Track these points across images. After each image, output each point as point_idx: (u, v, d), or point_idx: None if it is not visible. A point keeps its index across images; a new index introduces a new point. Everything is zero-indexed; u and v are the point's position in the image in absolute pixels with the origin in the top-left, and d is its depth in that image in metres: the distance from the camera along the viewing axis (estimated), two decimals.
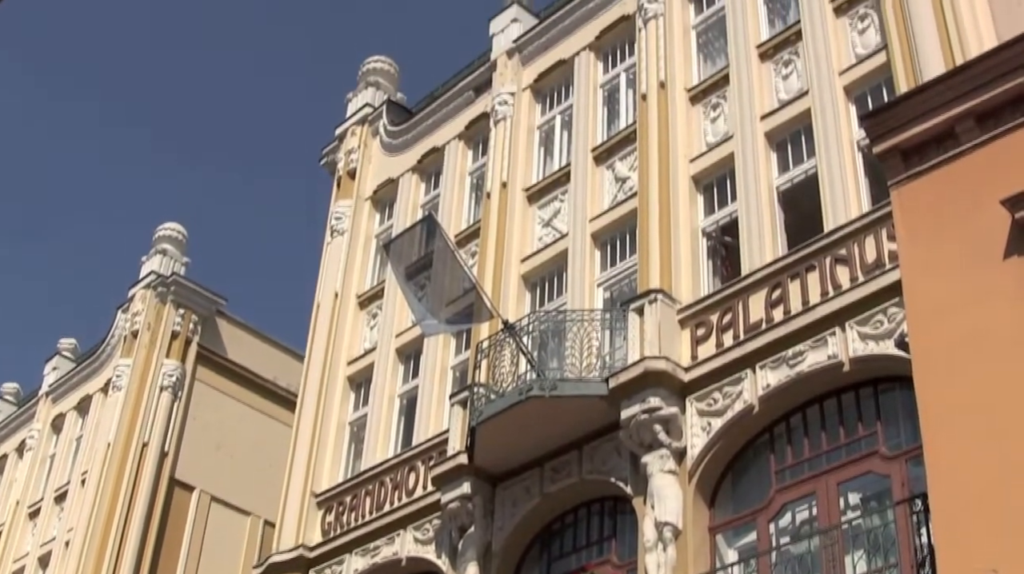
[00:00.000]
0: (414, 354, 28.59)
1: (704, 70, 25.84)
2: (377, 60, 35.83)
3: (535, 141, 29.02)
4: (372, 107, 34.35)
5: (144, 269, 40.01)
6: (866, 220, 19.94)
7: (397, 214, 31.57)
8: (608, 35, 28.48)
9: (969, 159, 16.22)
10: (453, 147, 31.17)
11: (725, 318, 21.33)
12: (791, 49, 23.85)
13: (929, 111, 16.67)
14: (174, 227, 41.15)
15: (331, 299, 31.28)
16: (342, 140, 34.53)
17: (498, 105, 29.72)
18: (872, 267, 19.43)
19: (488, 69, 30.95)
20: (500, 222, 27.63)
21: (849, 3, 23.27)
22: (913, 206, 16.55)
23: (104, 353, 40.39)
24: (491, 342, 23.90)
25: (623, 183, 25.72)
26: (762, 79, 23.97)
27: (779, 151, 23.13)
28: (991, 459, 14.11)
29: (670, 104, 25.13)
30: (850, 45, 22.85)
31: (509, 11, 31.51)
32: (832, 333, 19.44)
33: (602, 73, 28.45)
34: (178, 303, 38.73)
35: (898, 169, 16.83)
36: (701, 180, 24.11)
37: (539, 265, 26.54)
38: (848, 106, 22.16)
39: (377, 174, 33.11)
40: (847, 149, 21.47)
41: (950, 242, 15.84)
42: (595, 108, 27.77)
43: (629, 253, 24.72)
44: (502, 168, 28.47)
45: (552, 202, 27.23)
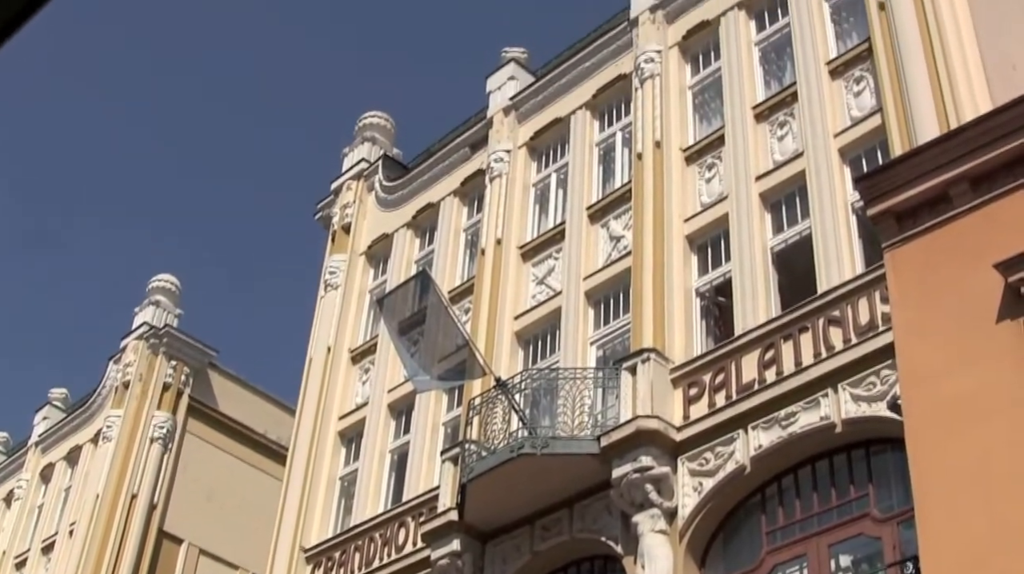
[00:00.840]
0: (406, 410, 28.54)
1: (700, 130, 25.94)
2: (374, 115, 35.95)
3: (530, 198, 29.08)
4: (368, 162, 34.44)
5: (137, 320, 39.99)
6: (860, 282, 19.96)
7: (391, 269, 31.59)
8: (604, 94, 28.60)
9: (963, 222, 16.28)
10: (448, 203, 31.23)
11: (718, 378, 21.31)
12: (786, 110, 23.95)
13: (923, 174, 16.74)
14: (168, 279, 41.16)
15: (324, 353, 31.24)
16: (337, 195, 34.59)
17: (494, 162, 29.80)
18: (865, 329, 19.43)
19: (484, 126, 31.05)
20: (494, 279, 27.65)
21: (845, 65, 23.39)
22: (907, 269, 16.59)
23: (95, 404, 40.30)
24: (483, 399, 23.85)
25: (617, 242, 25.76)
26: (757, 140, 24.06)
27: (773, 212, 23.18)
28: (983, 523, 14.07)
29: (665, 164, 25.21)
30: (845, 107, 22.94)
31: (506, 69, 31.65)
32: (825, 394, 19.42)
33: (598, 132, 28.55)
34: (170, 355, 38.70)
35: (892, 232, 16.88)
36: (695, 240, 24.15)
37: (532, 322, 26.54)
38: (843, 168, 22.22)
39: (372, 229, 33.16)
40: (841, 211, 21.51)
41: (943, 305, 15.86)
42: (590, 166, 27.85)
43: (622, 312, 24.73)
44: (497, 225, 28.52)
45: (546, 260, 27.26)
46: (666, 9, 27.77)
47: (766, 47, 25.76)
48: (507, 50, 32.22)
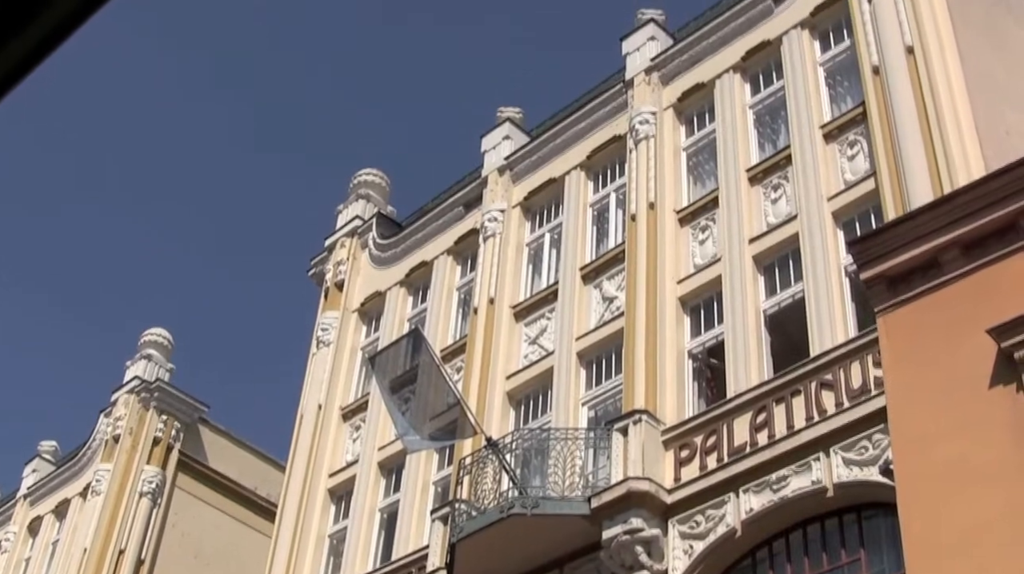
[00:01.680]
0: (396, 468, 28.43)
1: (694, 192, 26.01)
2: (368, 173, 36.01)
3: (524, 258, 29.11)
4: (362, 220, 34.47)
5: (128, 373, 39.89)
6: (852, 346, 19.95)
7: (384, 327, 31.55)
8: (599, 155, 28.69)
9: (955, 288, 16.29)
10: (442, 262, 31.24)
11: (709, 440, 21.25)
12: (780, 173, 24.02)
13: (916, 239, 16.76)
14: (160, 333, 41.09)
15: (315, 410, 31.16)
16: (331, 251, 34.61)
17: (488, 221, 29.84)
18: (858, 393, 19.39)
19: (479, 185, 31.12)
20: (486, 338, 27.63)
21: (839, 129, 23.49)
22: (899, 333, 16.58)
23: (85, 457, 40.14)
24: (474, 458, 23.78)
25: (610, 303, 25.76)
26: (751, 202, 24.12)
27: (767, 274, 23.21)
28: None
29: (659, 225, 25.26)
30: (839, 171, 23.02)
31: (501, 128, 31.76)
32: (816, 458, 19.36)
33: (592, 192, 28.62)
34: (161, 409, 38.59)
35: (885, 296, 16.89)
36: (688, 302, 24.16)
37: (524, 382, 26.49)
38: (836, 231, 22.27)
39: (365, 286, 33.15)
40: (834, 274, 21.54)
41: (936, 370, 15.85)
42: (584, 227, 27.90)
43: (614, 372, 24.69)
44: (490, 284, 28.52)
45: (539, 319, 27.25)
46: (661, 71, 27.91)
47: (760, 110, 25.87)
48: (502, 109, 32.34)
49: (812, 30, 25.60)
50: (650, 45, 28.75)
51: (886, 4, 23.54)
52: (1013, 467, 14.48)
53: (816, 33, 25.61)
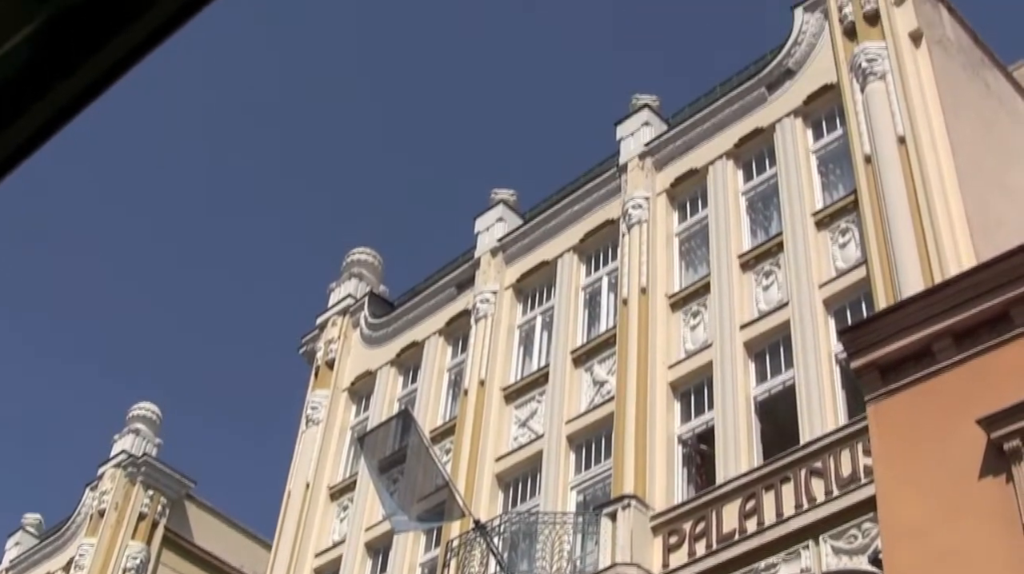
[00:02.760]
0: (383, 549, 28.27)
1: (686, 277, 26.08)
2: (361, 252, 36.06)
3: (515, 340, 29.12)
4: (354, 298, 34.50)
5: (116, 447, 39.68)
6: (842, 434, 19.93)
7: (374, 407, 31.49)
8: (592, 238, 28.78)
9: (946, 377, 16.28)
10: (433, 342, 31.24)
11: (698, 527, 21.17)
12: (772, 260, 24.11)
13: (907, 328, 16.77)
14: (149, 407, 40.92)
15: (302, 488, 31.03)
16: (322, 329, 34.60)
17: (480, 303, 29.87)
18: (847, 481, 19.35)
19: (471, 266, 31.18)
20: (476, 420, 27.58)
21: (831, 217, 23.60)
22: (889, 422, 16.55)
23: (69, 531, 39.83)
24: (461, 541, 23.66)
25: (601, 386, 25.75)
26: (743, 288, 24.19)
27: (757, 361, 23.22)
28: None
29: (651, 310, 25.30)
30: (831, 258, 23.10)
31: (495, 210, 31.87)
32: (805, 546, 19.29)
33: (584, 276, 28.68)
34: (148, 484, 38.35)
35: (875, 385, 16.87)
36: (679, 387, 24.15)
37: (513, 465, 26.41)
38: (827, 319, 22.32)
39: (356, 365, 33.11)
40: (825, 362, 21.56)
41: (926, 460, 15.81)
42: (576, 310, 27.94)
43: (604, 457, 24.63)
44: (481, 366, 28.51)
45: (529, 402, 27.22)
46: (655, 156, 28.07)
47: (753, 196, 26.01)
48: (496, 191, 32.48)
49: (805, 118, 25.79)
50: (644, 130, 28.93)
51: (878, 94, 23.74)
52: (1002, 559, 14.41)
53: (809, 121, 25.81)
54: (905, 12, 25.04)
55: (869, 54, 24.40)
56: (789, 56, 26.52)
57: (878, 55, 24.32)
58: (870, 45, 24.59)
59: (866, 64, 24.28)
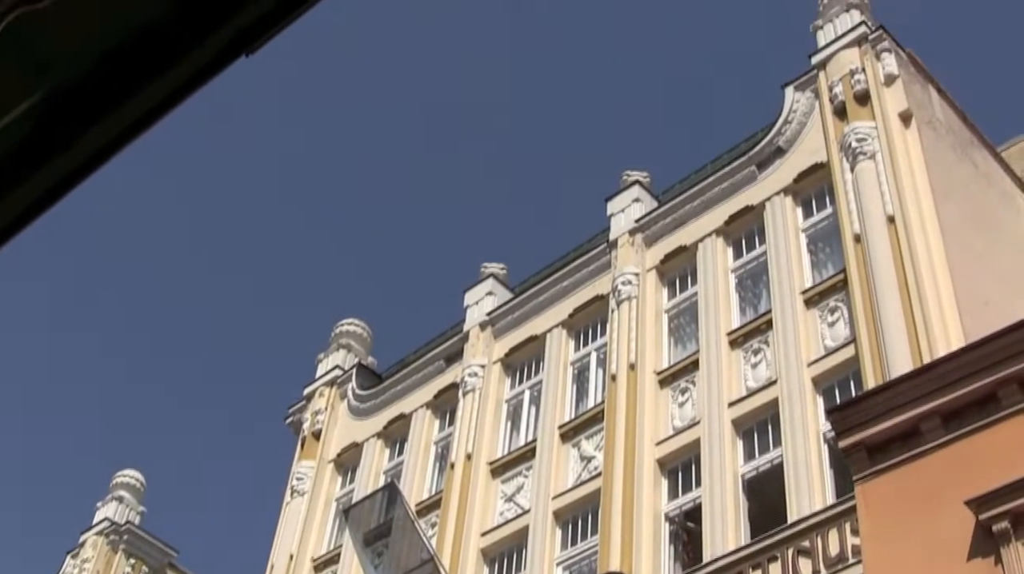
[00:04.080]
0: None
1: (674, 354, 26.08)
2: (350, 323, 36.02)
3: (503, 414, 29.06)
4: (342, 370, 34.42)
5: (98, 515, 39.42)
6: (830, 513, 19.86)
7: (359, 479, 31.34)
8: (581, 314, 28.79)
9: (934, 458, 16.26)
10: (420, 415, 31.15)
11: None
12: (761, 338, 24.12)
13: (895, 408, 16.76)
14: (132, 474, 40.67)
15: (286, 560, 30.81)
16: (310, 400, 34.50)
17: (468, 376, 29.83)
18: (835, 561, 19.27)
19: (460, 339, 31.16)
20: (462, 494, 27.46)
21: (820, 295, 23.65)
22: (877, 502, 16.51)
23: None
24: None
25: (588, 462, 25.68)
26: (731, 366, 24.18)
27: (745, 438, 23.18)
28: None
29: (639, 386, 25.28)
30: (819, 337, 23.13)
31: (484, 284, 31.90)
32: None
33: (573, 351, 28.67)
34: (129, 553, 38.08)
35: (863, 464, 16.84)
36: (666, 464, 24.09)
37: (499, 540, 26.28)
38: (816, 397, 22.31)
39: (342, 437, 32.99)
40: (813, 440, 21.53)
41: (913, 541, 15.76)
42: (564, 385, 27.90)
43: (590, 533, 24.52)
44: (468, 440, 28.43)
45: (516, 477, 27.12)
46: (645, 233, 28.15)
47: (742, 274, 26.06)
48: (486, 265, 32.52)
49: (795, 197, 25.90)
50: (635, 206, 29.03)
51: (868, 174, 23.86)
52: None
53: (799, 200, 25.91)
54: (895, 93, 25.21)
55: (859, 134, 24.54)
56: (780, 135, 26.67)
57: (868, 135, 24.47)
58: (860, 125, 24.75)
59: (856, 144, 24.42)
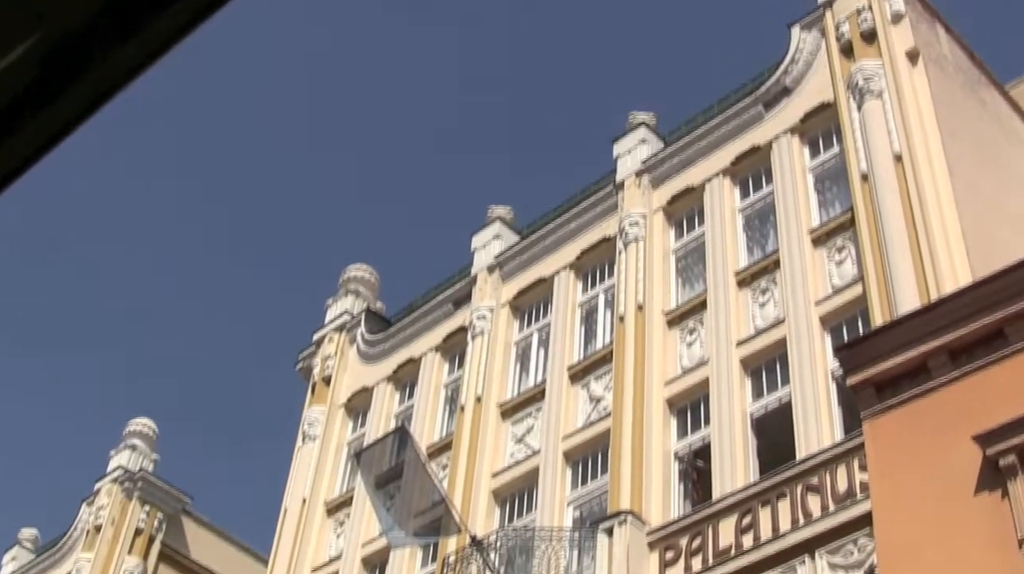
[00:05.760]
0: (380, 564, 28.26)
1: (682, 294, 26.12)
2: (358, 268, 36.06)
3: (512, 357, 29.14)
4: (351, 315, 34.49)
5: (112, 463, 39.64)
6: (838, 450, 19.96)
7: (370, 423, 31.49)
8: (588, 256, 28.82)
9: (941, 394, 16.32)
10: (429, 359, 31.25)
11: (695, 542, 21.19)
12: (769, 277, 24.15)
13: (903, 345, 16.81)
14: (145, 423, 40.87)
15: (299, 504, 31.02)
16: (319, 346, 34.60)
17: (476, 319, 29.90)
18: (843, 497, 19.38)
19: (468, 283, 31.21)
20: (473, 436, 27.58)
21: (827, 234, 23.65)
22: (885, 439, 16.59)
23: (65, 546, 39.77)
24: (458, 556, 23.67)
25: (597, 403, 25.77)
26: (739, 306, 24.23)
27: (754, 378, 23.25)
28: None
29: (647, 327, 25.34)
30: (827, 276, 23.15)
31: (492, 227, 31.91)
32: (802, 561, 19.32)
33: (581, 293, 28.72)
34: (144, 499, 38.31)
35: (871, 401, 16.91)
36: (675, 403, 24.18)
37: (510, 481, 26.43)
38: (824, 336, 22.36)
39: (352, 382, 33.11)
40: (821, 378, 21.60)
41: (921, 477, 15.84)
42: (572, 327, 27.96)
43: (600, 473, 24.65)
44: (477, 382, 28.53)
45: (526, 418, 27.24)
46: (652, 174, 28.12)
47: (750, 214, 26.06)
48: (493, 208, 32.51)
49: (802, 136, 25.85)
50: (641, 148, 28.99)
51: (875, 113, 23.80)
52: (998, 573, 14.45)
53: (806, 139, 25.87)
54: (902, 31, 25.11)
55: (866, 72, 24.47)
56: (786, 74, 26.60)
57: (875, 74, 24.39)
58: (867, 63, 24.67)
59: (863, 82, 24.35)
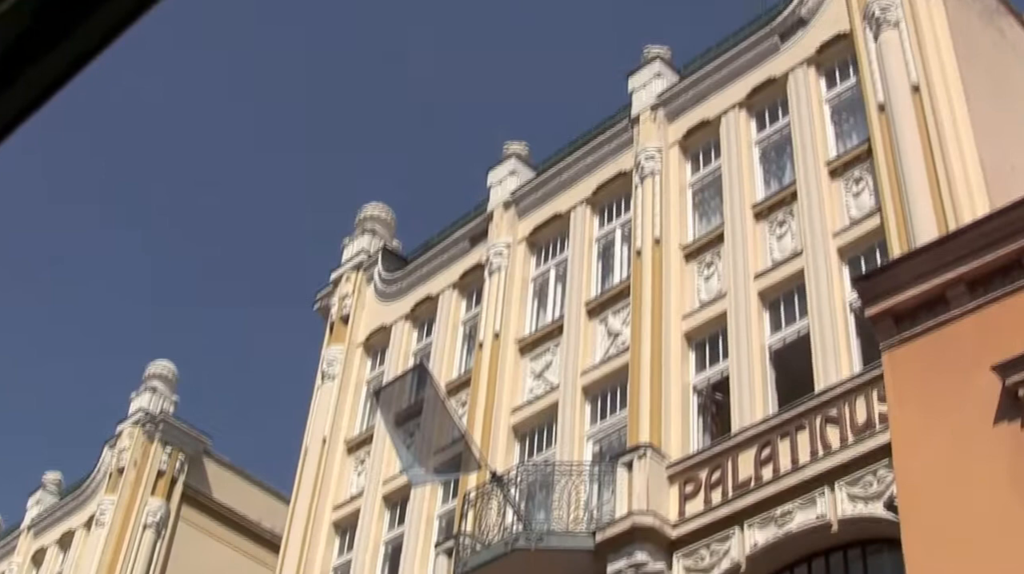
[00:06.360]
0: (400, 501, 28.43)
1: (699, 228, 26.09)
2: (374, 207, 36.06)
3: (529, 293, 29.18)
4: (368, 254, 34.53)
5: (133, 406, 39.88)
6: (857, 381, 19.97)
7: (389, 361, 31.59)
8: (604, 191, 28.78)
9: (960, 324, 16.34)
10: (447, 296, 31.30)
11: (714, 475, 21.27)
12: (786, 209, 24.11)
13: (921, 276, 16.81)
14: (165, 365, 41.09)
15: (319, 443, 31.18)
16: (336, 285, 34.66)
17: (493, 256, 29.91)
18: (862, 428, 19.41)
19: (484, 220, 31.19)
20: (491, 372, 27.67)
21: (844, 166, 23.58)
22: (904, 370, 16.63)
23: (89, 488, 40.10)
24: (478, 492, 23.80)
25: (615, 337, 25.81)
26: (756, 239, 24.20)
27: (772, 310, 23.26)
28: None
29: (664, 261, 25.34)
30: (844, 207, 23.10)
31: (507, 163, 31.85)
32: (821, 493, 19.37)
33: (597, 228, 28.69)
34: (165, 441, 38.58)
35: (890, 332, 16.93)
36: (693, 337, 24.21)
37: (529, 416, 26.52)
38: (841, 267, 22.34)
39: (370, 321, 33.20)
40: (839, 310, 21.60)
41: (941, 407, 15.89)
42: (590, 262, 27.97)
43: (619, 407, 24.72)
44: (495, 319, 28.58)
45: (544, 354, 27.29)
46: (667, 108, 28.03)
47: (766, 146, 25.99)
48: (508, 144, 32.44)
49: (818, 67, 25.73)
50: (656, 82, 28.87)
51: (892, 43, 23.67)
52: (1017, 503, 14.51)
53: (822, 70, 25.74)
54: None
55: (882, 2, 24.29)
56: (802, 4, 26.42)
57: (891, 3, 24.22)
58: None
59: (879, 12, 24.19)
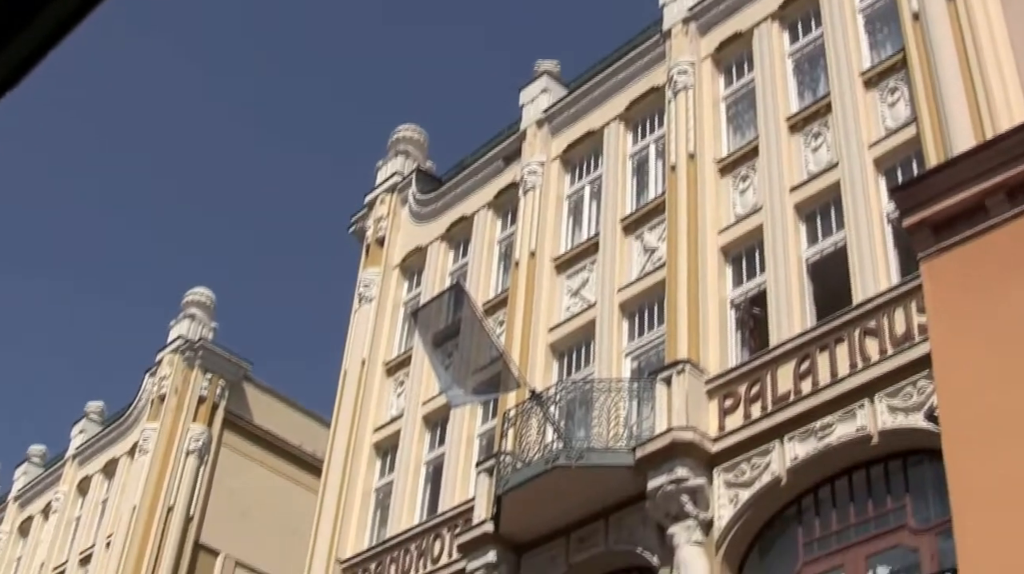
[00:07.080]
0: (440, 422, 28.58)
1: (733, 142, 25.93)
2: (407, 129, 35.98)
3: (564, 211, 29.12)
4: (401, 176, 34.49)
5: (172, 333, 40.15)
6: (895, 293, 19.89)
7: (425, 282, 31.65)
8: (638, 106, 28.61)
9: (999, 233, 16.23)
10: (482, 216, 31.27)
11: (753, 389, 21.28)
12: (821, 121, 23.92)
13: (959, 185, 16.70)
14: (202, 292, 41.31)
15: (358, 366, 31.32)
16: (371, 208, 34.67)
17: (527, 175, 29.84)
18: (901, 340, 19.35)
19: (517, 139, 31.10)
20: (528, 291, 27.69)
21: (879, 76, 23.35)
22: (943, 280, 16.55)
23: (131, 417, 40.48)
24: (518, 411, 23.87)
25: (652, 254, 25.76)
26: (791, 151, 24.04)
27: (808, 223, 23.14)
28: (1021, 533, 14.03)
29: (699, 175, 25.21)
30: (880, 118, 22.90)
31: (539, 81, 31.69)
32: (861, 405, 19.35)
33: (631, 144, 28.57)
34: (205, 368, 38.85)
35: (928, 242, 16.84)
36: (730, 251, 24.13)
37: (567, 335, 26.55)
38: (878, 179, 22.18)
39: (406, 242, 33.23)
40: (876, 222, 21.46)
41: (980, 317, 15.82)
42: (624, 179, 27.87)
43: (657, 323, 24.72)
44: (531, 237, 28.55)
45: (580, 272, 27.28)
46: (699, 21, 27.78)
47: (800, 58, 25.75)
48: (540, 62, 32.26)
49: None
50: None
51: None
52: None
53: None
54: None
55: None
56: None
57: None
58: None
59: None
